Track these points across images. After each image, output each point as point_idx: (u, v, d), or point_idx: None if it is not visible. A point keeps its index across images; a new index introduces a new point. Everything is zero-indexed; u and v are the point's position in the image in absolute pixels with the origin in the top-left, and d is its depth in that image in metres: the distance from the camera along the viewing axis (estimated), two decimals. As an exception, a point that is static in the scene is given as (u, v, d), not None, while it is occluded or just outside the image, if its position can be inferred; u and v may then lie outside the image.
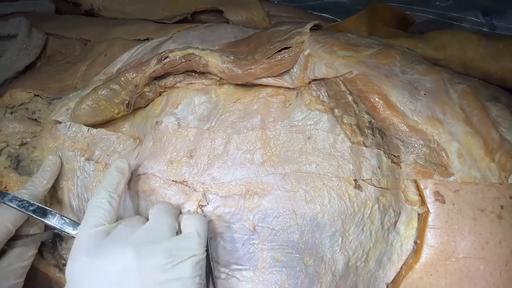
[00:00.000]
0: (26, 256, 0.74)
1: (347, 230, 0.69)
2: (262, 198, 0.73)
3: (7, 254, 0.71)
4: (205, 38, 0.87)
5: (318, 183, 0.72)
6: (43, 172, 0.79)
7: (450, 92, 0.68)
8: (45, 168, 0.80)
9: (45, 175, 0.79)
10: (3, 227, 0.69)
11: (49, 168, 0.80)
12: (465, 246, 0.59)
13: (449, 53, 0.86)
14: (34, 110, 0.88)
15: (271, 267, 0.72)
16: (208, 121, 0.79)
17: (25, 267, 0.74)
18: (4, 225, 0.69)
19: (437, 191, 0.60)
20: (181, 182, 0.76)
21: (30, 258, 0.75)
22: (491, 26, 1.13)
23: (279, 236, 0.72)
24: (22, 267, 0.73)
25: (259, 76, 0.76)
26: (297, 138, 0.75)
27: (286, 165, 0.74)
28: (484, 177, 0.62)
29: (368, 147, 0.70)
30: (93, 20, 1.11)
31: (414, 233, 0.62)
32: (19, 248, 0.73)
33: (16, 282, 0.72)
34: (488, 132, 0.65)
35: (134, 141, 0.84)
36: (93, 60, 0.95)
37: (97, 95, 0.81)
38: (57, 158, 0.82)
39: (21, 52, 1.00)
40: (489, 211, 0.60)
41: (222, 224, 0.74)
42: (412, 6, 1.17)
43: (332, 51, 0.73)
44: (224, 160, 0.76)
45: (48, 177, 0.79)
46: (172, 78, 0.83)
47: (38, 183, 0.77)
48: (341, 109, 0.73)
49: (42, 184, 0.78)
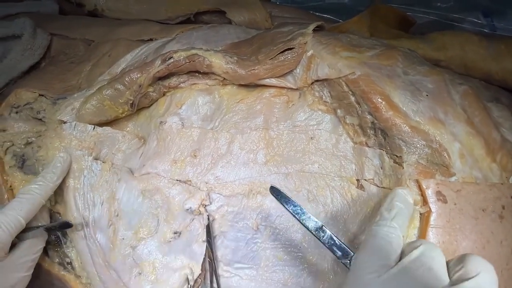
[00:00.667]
0: (36, 249, 0.75)
1: (350, 229, 0.70)
2: (265, 197, 0.74)
3: (18, 247, 0.72)
4: (209, 39, 0.88)
5: (321, 182, 0.73)
6: (54, 167, 0.80)
7: (452, 93, 0.69)
8: (56, 164, 0.80)
9: (56, 171, 0.80)
10: (15, 221, 0.70)
11: (60, 164, 0.80)
12: (467, 246, 0.59)
13: (450, 54, 0.86)
14: (39, 110, 0.88)
15: (274, 265, 0.72)
16: (211, 121, 0.80)
17: (34, 260, 0.75)
18: (16, 219, 0.70)
19: (439, 191, 0.61)
20: (185, 181, 0.77)
21: (39, 251, 0.76)
22: (491, 27, 1.13)
23: (282, 235, 0.73)
24: (31, 260, 0.74)
25: (262, 77, 0.76)
26: (300, 138, 0.75)
27: (289, 165, 0.75)
28: (486, 177, 0.63)
29: (370, 147, 0.71)
30: (97, 21, 1.11)
31: (416, 232, 0.62)
32: (29, 240, 0.73)
33: (26, 274, 0.73)
34: (489, 132, 0.66)
35: (138, 140, 0.85)
36: (97, 60, 0.96)
37: (101, 95, 0.81)
38: (68, 156, 0.82)
39: (26, 52, 1.00)
40: (490, 211, 0.61)
41: (226, 223, 0.75)
42: (413, 7, 1.17)
43: (335, 52, 0.73)
44: (227, 160, 0.77)
45: (59, 173, 0.80)
46: (176, 79, 0.83)
47: (49, 178, 0.78)
48: (344, 110, 0.74)
49: (52, 180, 0.78)
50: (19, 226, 0.71)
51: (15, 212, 0.71)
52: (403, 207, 0.57)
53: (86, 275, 0.81)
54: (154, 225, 0.77)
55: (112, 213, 0.79)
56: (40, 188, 0.76)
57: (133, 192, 0.79)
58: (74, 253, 0.82)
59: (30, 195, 0.74)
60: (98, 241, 0.79)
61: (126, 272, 0.77)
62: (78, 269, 0.82)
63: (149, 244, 0.77)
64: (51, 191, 0.78)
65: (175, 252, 0.75)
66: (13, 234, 0.70)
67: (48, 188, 0.77)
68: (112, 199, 0.80)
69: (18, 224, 0.70)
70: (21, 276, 0.72)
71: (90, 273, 0.80)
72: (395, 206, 0.57)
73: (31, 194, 0.74)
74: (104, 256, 0.79)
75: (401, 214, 0.56)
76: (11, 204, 0.72)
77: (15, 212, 0.71)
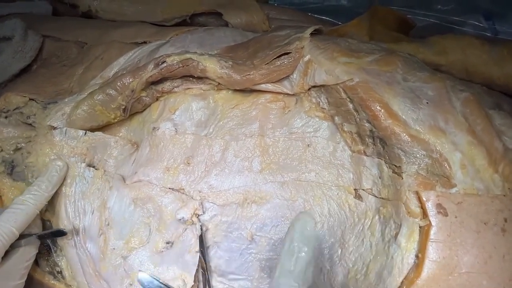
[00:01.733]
0: (29, 256, 0.74)
1: (347, 241, 0.69)
2: (260, 206, 0.72)
3: (11, 254, 0.71)
4: (204, 42, 0.87)
5: (318, 192, 0.71)
6: (50, 176, 0.78)
7: (453, 100, 0.67)
8: (51, 172, 0.79)
9: (52, 180, 0.78)
10: (8, 232, 0.69)
11: (56, 173, 0.79)
12: (468, 261, 0.58)
13: (451, 59, 0.85)
14: (29, 115, 0.87)
15: (268, 277, 0.71)
16: (206, 127, 0.79)
17: (27, 268, 0.74)
18: (10, 230, 0.69)
19: (439, 204, 0.59)
20: (178, 189, 0.76)
21: (32, 258, 0.75)
22: (493, 30, 1.12)
23: (277, 246, 0.71)
24: (24, 267, 0.73)
25: (258, 82, 0.75)
26: (296, 146, 0.74)
27: (285, 173, 0.73)
28: (487, 188, 0.61)
29: (368, 156, 0.70)
30: (91, 22, 1.10)
31: (415, 246, 0.60)
32: (22, 248, 0.72)
33: (20, 282, 0.72)
34: (491, 141, 0.64)
35: (131, 146, 0.83)
36: (90, 64, 0.94)
37: (93, 100, 0.80)
38: (65, 164, 0.81)
39: (17, 55, 0.99)
40: (492, 224, 0.59)
41: (219, 233, 0.73)
42: (413, 10, 1.16)
43: (333, 57, 0.72)
44: (221, 168, 0.75)
45: (54, 182, 0.78)
46: (169, 83, 0.82)
47: (44, 188, 0.76)
48: (342, 117, 0.72)
49: (48, 190, 0.77)
50: (12, 237, 0.70)
51: (9, 224, 0.70)
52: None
53: (76, 285, 0.80)
54: (146, 234, 0.76)
55: (103, 222, 0.78)
56: (35, 198, 0.75)
57: (124, 200, 0.77)
58: (64, 262, 0.81)
59: (25, 205, 0.73)
60: (88, 250, 0.78)
61: (117, 283, 0.75)
62: (68, 278, 0.81)
63: (141, 254, 0.75)
64: (45, 201, 0.77)
65: (167, 263, 0.74)
66: (6, 245, 0.69)
67: (43, 198, 0.76)
68: (103, 208, 0.78)
69: (12, 235, 0.70)
70: (15, 284, 0.72)
71: (81, 283, 0.79)
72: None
73: (26, 205, 0.73)
74: (94, 266, 0.77)
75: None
76: (4, 215, 0.71)
77: (9, 224, 0.70)
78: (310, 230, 0.55)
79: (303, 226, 0.55)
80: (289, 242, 0.55)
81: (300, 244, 0.54)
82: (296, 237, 0.55)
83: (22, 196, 0.74)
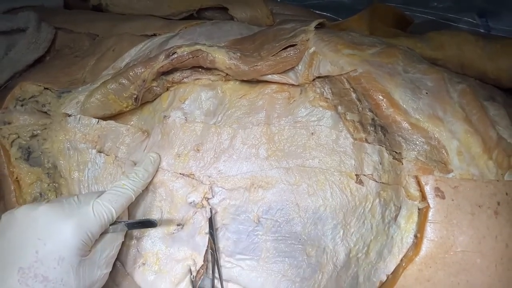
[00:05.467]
0: (116, 244, 0.72)
1: (349, 223, 0.71)
2: (266, 191, 0.75)
3: (99, 241, 0.68)
4: (212, 35, 0.89)
5: (321, 177, 0.74)
6: (146, 165, 0.78)
7: (451, 91, 0.70)
8: (148, 163, 0.79)
9: (148, 169, 0.78)
10: (108, 212, 0.68)
11: (151, 164, 0.79)
12: (463, 240, 0.61)
13: (447, 53, 0.87)
14: (44, 103, 0.89)
15: (274, 257, 0.74)
16: (214, 116, 0.81)
17: (113, 256, 0.72)
18: (110, 211, 0.68)
19: (437, 187, 0.62)
20: (188, 175, 0.79)
21: (118, 246, 0.73)
22: (486, 27, 1.14)
23: (283, 228, 0.74)
24: (112, 256, 0.71)
25: (264, 73, 0.78)
26: (300, 134, 0.77)
27: (290, 159, 0.76)
28: (482, 174, 0.64)
29: (370, 144, 0.72)
30: (101, 15, 1.12)
31: (414, 227, 0.63)
32: (109, 234, 0.70)
33: (106, 272, 0.70)
34: (486, 130, 0.67)
35: (142, 133, 0.86)
36: (102, 55, 0.96)
37: (106, 89, 0.82)
38: (158, 156, 0.81)
39: (31, 46, 1.01)
40: (486, 207, 0.62)
41: (228, 216, 0.76)
42: (410, 7, 1.18)
43: (337, 49, 0.74)
44: (230, 154, 0.78)
45: (151, 171, 0.78)
46: (179, 74, 0.84)
47: (141, 176, 0.76)
48: (345, 106, 0.75)
49: (144, 177, 0.77)
50: (110, 219, 0.69)
51: (109, 204, 0.69)
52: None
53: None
54: (158, 217, 0.79)
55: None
56: (134, 184, 0.74)
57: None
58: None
59: (124, 189, 0.72)
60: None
61: (130, 262, 0.79)
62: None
63: (153, 235, 0.78)
64: (142, 188, 0.76)
65: (178, 244, 0.77)
66: (105, 225, 0.68)
67: (139, 185, 0.75)
68: (116, 192, 0.80)
69: (110, 216, 0.68)
70: (103, 274, 0.69)
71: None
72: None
73: (125, 189, 0.73)
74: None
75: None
76: (105, 195, 0.70)
77: (109, 203, 0.69)
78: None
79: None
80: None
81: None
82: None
83: (122, 180, 0.74)
